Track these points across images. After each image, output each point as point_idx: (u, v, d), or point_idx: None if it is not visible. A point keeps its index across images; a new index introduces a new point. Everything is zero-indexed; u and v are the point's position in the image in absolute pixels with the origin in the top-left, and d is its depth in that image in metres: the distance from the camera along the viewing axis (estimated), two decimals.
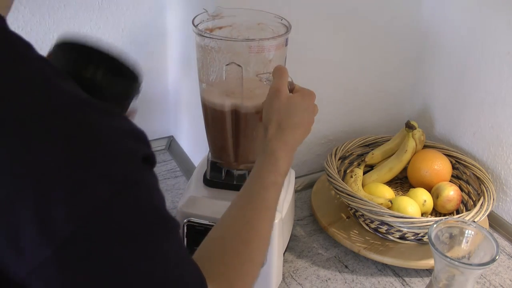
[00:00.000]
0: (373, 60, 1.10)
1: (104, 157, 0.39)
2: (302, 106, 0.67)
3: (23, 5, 0.97)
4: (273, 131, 0.65)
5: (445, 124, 1.14)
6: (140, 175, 0.41)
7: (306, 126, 0.68)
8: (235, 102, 0.76)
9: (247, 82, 0.74)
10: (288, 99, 0.66)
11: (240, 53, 0.72)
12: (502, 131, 1.00)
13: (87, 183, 0.37)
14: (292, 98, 0.67)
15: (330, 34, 1.01)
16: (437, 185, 1.00)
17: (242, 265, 0.54)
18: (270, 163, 0.63)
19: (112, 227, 0.38)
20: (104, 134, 0.40)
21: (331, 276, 0.88)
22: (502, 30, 0.96)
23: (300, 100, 0.67)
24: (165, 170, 1.15)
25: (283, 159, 0.64)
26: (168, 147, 1.24)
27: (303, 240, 0.96)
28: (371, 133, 1.17)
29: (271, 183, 0.62)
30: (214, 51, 0.73)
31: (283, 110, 0.65)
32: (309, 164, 1.13)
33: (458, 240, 0.71)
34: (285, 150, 0.64)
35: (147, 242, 0.41)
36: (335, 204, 1.02)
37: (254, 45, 0.72)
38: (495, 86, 1.00)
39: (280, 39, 0.74)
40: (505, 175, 1.00)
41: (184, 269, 0.45)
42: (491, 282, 0.87)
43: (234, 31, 0.80)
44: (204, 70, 0.76)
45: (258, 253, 0.58)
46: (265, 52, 0.73)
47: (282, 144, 0.64)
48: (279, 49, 0.74)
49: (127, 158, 0.40)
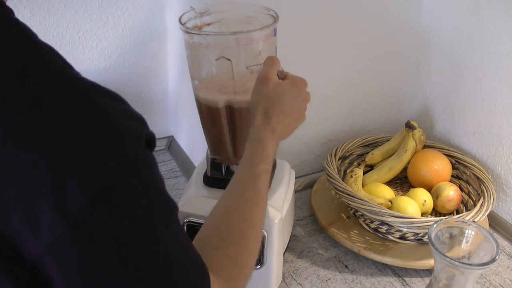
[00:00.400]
0: (373, 60, 1.10)
1: (116, 137, 0.40)
2: (292, 93, 0.66)
3: (23, 5, 0.97)
4: (260, 118, 0.64)
5: (445, 124, 1.14)
6: (146, 156, 0.42)
7: (296, 114, 0.67)
8: (228, 98, 0.75)
9: (238, 76, 0.73)
10: (276, 86, 0.65)
11: (229, 47, 0.72)
12: (502, 131, 1.00)
13: (101, 161, 0.39)
14: (281, 85, 0.66)
15: (330, 34, 1.01)
16: (437, 185, 1.00)
17: (239, 255, 0.55)
18: (259, 151, 0.63)
19: (122, 205, 0.39)
20: (113, 116, 0.41)
21: (331, 276, 0.88)
22: (502, 30, 0.96)
23: (290, 88, 0.66)
24: (165, 170, 1.15)
25: (271, 148, 0.63)
26: (168, 147, 1.24)
27: (303, 240, 0.96)
28: (371, 133, 1.17)
29: (261, 172, 0.61)
30: (202, 48, 0.72)
31: (270, 98, 0.65)
32: (309, 164, 1.13)
33: (458, 240, 0.71)
34: (272, 139, 0.64)
35: (154, 221, 0.42)
36: (335, 204, 1.02)
37: (241, 38, 0.71)
38: (495, 86, 1.00)
39: (268, 29, 0.73)
40: (505, 175, 1.00)
41: (187, 253, 0.46)
42: (491, 282, 0.87)
43: (223, 26, 0.80)
44: (195, 67, 0.76)
45: (254, 243, 0.58)
46: (254, 43, 0.72)
47: (270, 132, 0.63)
48: (268, 39, 0.73)
49: (136, 139, 0.42)
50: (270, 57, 0.68)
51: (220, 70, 0.73)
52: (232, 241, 0.55)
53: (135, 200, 0.40)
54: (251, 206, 0.59)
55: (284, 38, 0.96)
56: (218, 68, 0.73)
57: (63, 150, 0.38)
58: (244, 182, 0.61)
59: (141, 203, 0.41)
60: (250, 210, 0.59)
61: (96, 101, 0.41)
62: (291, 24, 0.95)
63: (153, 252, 0.41)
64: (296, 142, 1.09)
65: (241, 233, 0.57)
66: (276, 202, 0.80)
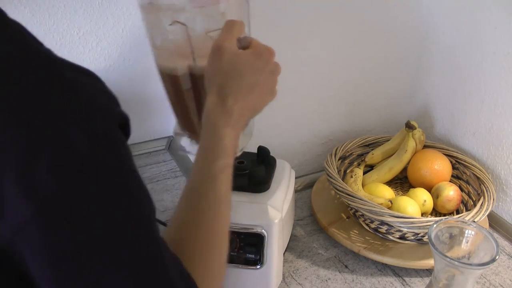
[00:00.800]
0: (373, 60, 1.10)
1: (84, 113, 0.38)
2: (255, 65, 0.55)
3: (23, 5, 0.97)
4: (214, 98, 0.54)
5: (445, 124, 1.14)
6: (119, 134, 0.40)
7: (262, 90, 0.56)
8: (188, 64, 0.64)
9: (197, 42, 0.62)
10: (234, 57, 0.54)
11: (183, 9, 0.61)
12: (502, 131, 1.00)
13: (69, 139, 0.36)
14: (239, 56, 0.55)
15: (330, 34, 1.01)
16: (437, 185, 1.00)
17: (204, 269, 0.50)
18: (214, 143, 0.53)
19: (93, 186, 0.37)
20: (83, 91, 0.39)
21: (331, 276, 0.88)
22: (502, 30, 0.96)
23: (252, 58, 0.55)
24: (165, 170, 1.15)
25: (228, 136, 0.53)
26: (168, 147, 1.24)
27: (303, 240, 0.96)
28: (371, 133, 1.17)
29: (219, 170, 0.52)
30: (155, 10, 0.62)
31: (226, 72, 0.54)
32: (309, 164, 1.13)
33: (458, 240, 0.71)
34: (230, 124, 0.53)
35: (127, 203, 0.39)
36: (335, 204, 1.02)
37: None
38: (495, 86, 1.00)
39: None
40: (505, 175, 1.00)
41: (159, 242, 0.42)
42: (491, 282, 0.87)
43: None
44: (151, 33, 0.66)
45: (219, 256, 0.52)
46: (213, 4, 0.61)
47: (225, 116, 0.53)
48: None
49: (106, 115, 0.39)
50: (229, 21, 0.57)
51: (175, 36, 0.62)
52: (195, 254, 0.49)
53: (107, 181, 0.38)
54: (209, 215, 0.51)
55: (284, 38, 0.96)
56: (173, 34, 0.62)
57: (29, 128, 0.35)
58: (199, 186, 0.52)
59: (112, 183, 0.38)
60: (209, 221, 0.51)
61: (65, 76, 0.38)
62: (291, 24, 0.95)
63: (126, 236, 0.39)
64: (296, 142, 1.09)
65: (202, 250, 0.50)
66: (276, 202, 0.80)
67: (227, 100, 0.53)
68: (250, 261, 0.78)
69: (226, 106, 0.53)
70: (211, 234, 0.51)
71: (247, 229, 0.76)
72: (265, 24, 0.92)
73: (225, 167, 0.53)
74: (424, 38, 1.13)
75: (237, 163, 0.84)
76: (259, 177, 0.81)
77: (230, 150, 0.54)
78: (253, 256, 0.78)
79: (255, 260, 0.78)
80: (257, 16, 0.91)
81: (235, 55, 0.55)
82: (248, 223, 0.77)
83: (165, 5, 0.61)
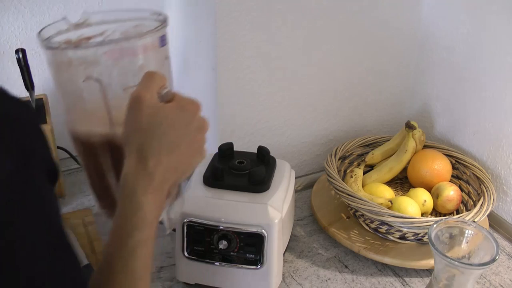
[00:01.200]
0: (373, 60, 1.10)
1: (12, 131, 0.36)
2: (179, 120, 0.49)
3: (23, 5, 0.97)
4: (133, 160, 0.48)
5: (445, 124, 1.14)
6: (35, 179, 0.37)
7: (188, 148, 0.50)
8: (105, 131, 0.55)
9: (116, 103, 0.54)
10: (154, 110, 0.48)
11: (96, 62, 0.53)
12: (502, 131, 1.00)
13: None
14: (161, 109, 0.49)
15: (330, 34, 1.01)
16: (437, 185, 1.00)
17: None
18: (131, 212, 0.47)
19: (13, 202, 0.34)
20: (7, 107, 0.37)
21: (331, 276, 0.88)
22: (502, 30, 0.96)
23: (175, 112, 0.49)
24: None
25: (149, 204, 0.47)
26: None
27: (303, 240, 0.96)
28: (371, 133, 1.17)
29: (135, 245, 0.46)
30: (65, 66, 0.53)
31: (145, 129, 0.48)
32: (309, 164, 1.13)
33: (458, 240, 0.71)
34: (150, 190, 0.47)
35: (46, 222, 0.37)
36: (335, 204, 1.02)
37: (109, 49, 0.52)
38: (495, 86, 1.00)
39: (149, 37, 0.54)
40: (505, 175, 1.00)
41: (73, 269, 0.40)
42: (491, 282, 0.87)
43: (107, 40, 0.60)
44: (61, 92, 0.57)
45: None
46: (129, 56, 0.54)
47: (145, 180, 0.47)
48: (151, 50, 0.55)
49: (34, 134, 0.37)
50: (149, 72, 0.50)
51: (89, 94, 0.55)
52: None
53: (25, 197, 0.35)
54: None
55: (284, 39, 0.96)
56: (87, 92, 0.54)
57: None
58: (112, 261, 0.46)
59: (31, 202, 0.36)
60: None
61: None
62: (290, 26, 0.95)
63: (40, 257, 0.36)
64: (296, 142, 1.09)
65: None
66: (276, 202, 0.80)
67: (148, 162, 0.47)
68: (250, 261, 0.78)
69: (147, 168, 0.47)
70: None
71: (247, 229, 0.76)
72: (265, 25, 0.92)
73: (144, 240, 0.47)
74: (424, 38, 1.13)
75: (237, 163, 0.84)
76: (259, 177, 0.81)
77: (151, 220, 0.48)
78: (253, 256, 0.78)
79: (255, 260, 0.78)
80: (257, 18, 0.91)
81: (155, 108, 0.48)
82: (248, 223, 0.77)
83: (77, 58, 0.53)
